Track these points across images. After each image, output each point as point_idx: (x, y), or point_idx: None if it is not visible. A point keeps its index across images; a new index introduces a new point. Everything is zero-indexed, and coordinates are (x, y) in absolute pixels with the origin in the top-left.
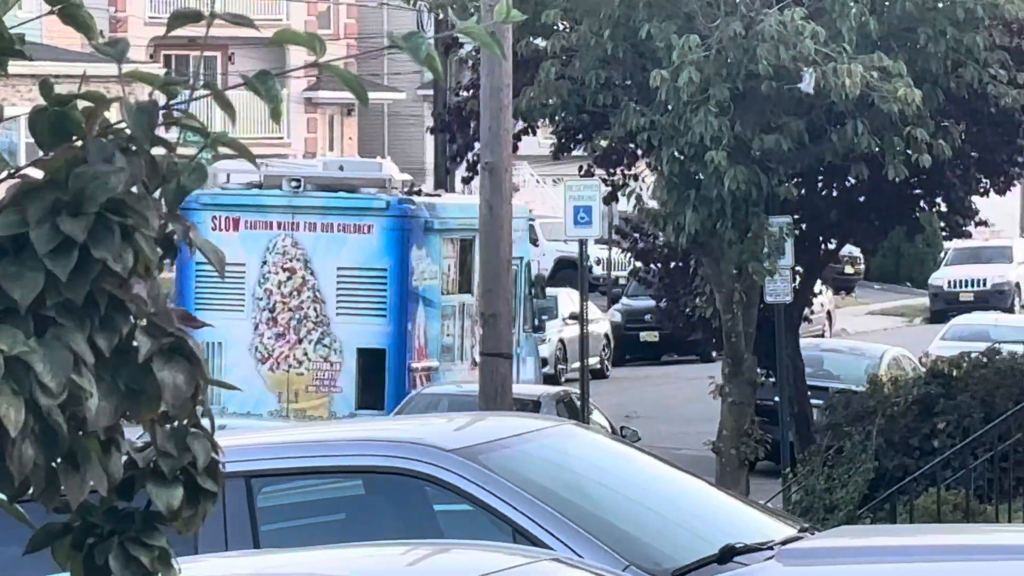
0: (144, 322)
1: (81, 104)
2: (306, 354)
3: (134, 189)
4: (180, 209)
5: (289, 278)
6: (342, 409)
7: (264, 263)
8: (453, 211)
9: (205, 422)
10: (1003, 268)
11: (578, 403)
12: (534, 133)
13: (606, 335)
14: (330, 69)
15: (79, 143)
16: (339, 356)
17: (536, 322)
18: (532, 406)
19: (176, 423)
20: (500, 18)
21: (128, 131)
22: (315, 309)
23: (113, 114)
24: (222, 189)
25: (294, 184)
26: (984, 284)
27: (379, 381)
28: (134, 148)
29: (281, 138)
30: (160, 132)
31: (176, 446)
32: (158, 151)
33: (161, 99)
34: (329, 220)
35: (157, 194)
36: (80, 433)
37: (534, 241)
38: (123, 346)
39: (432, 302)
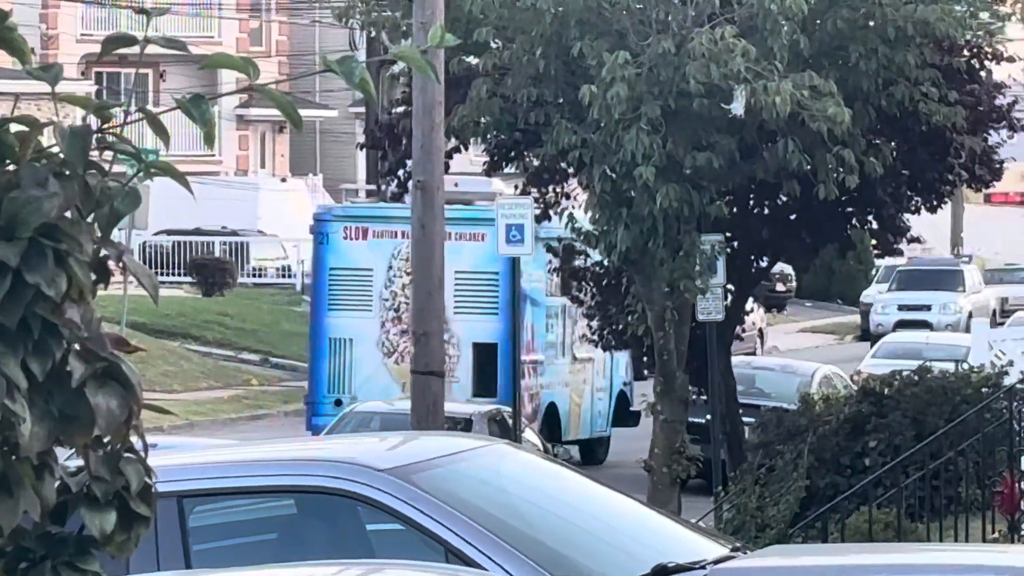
0: (78, 347)
1: (14, 128)
2: None
3: (68, 214)
4: (316, 220)
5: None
6: (459, 397)
7: (390, 268)
8: (555, 222)
9: (138, 445)
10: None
11: (510, 421)
12: (466, 150)
13: None
14: (265, 93)
15: (12, 167)
16: (457, 350)
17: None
18: (464, 424)
19: (109, 448)
20: (434, 43)
21: (62, 155)
22: None
23: (47, 138)
24: (351, 203)
25: None
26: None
27: (492, 372)
28: (68, 173)
29: (213, 155)
30: (94, 156)
31: (109, 471)
32: (92, 175)
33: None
34: (447, 229)
35: (91, 218)
36: (13, 458)
37: None
38: (56, 371)
39: (538, 302)
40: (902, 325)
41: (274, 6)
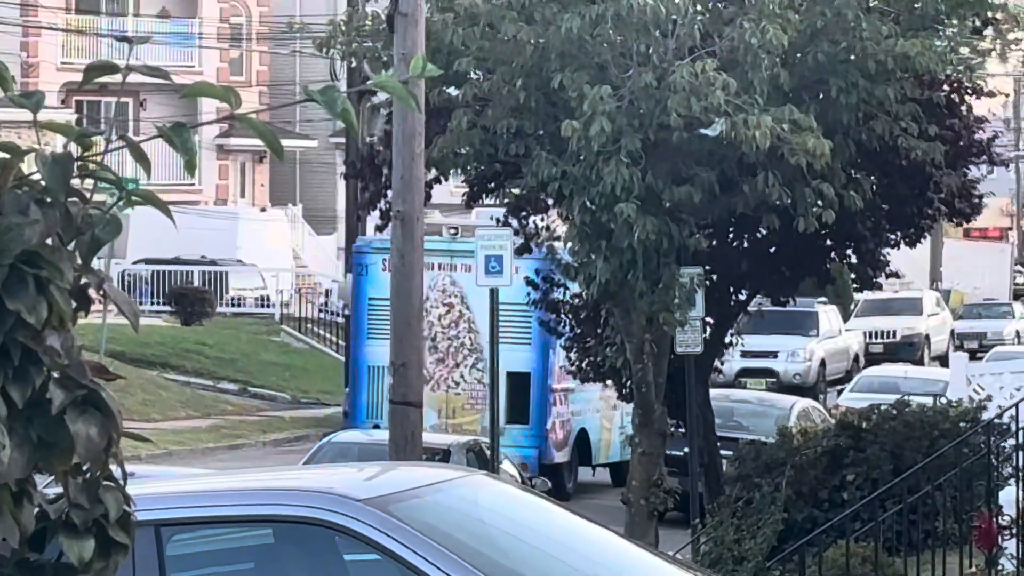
0: (58, 374)
1: None
2: (462, 376)
3: (49, 241)
4: (356, 252)
5: (448, 311)
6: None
7: (427, 299)
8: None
9: (117, 473)
10: (913, 320)
11: (488, 452)
12: (446, 180)
13: None
14: (246, 122)
15: None
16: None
17: None
18: (442, 455)
19: (88, 475)
20: (416, 73)
21: (43, 183)
22: (470, 338)
23: (28, 165)
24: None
25: (452, 231)
26: (894, 336)
27: (525, 400)
28: (49, 200)
29: (193, 184)
30: (75, 184)
31: (88, 498)
32: (73, 203)
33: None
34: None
35: (72, 246)
36: None
37: None
38: (36, 398)
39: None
40: (745, 374)
41: (255, 36)
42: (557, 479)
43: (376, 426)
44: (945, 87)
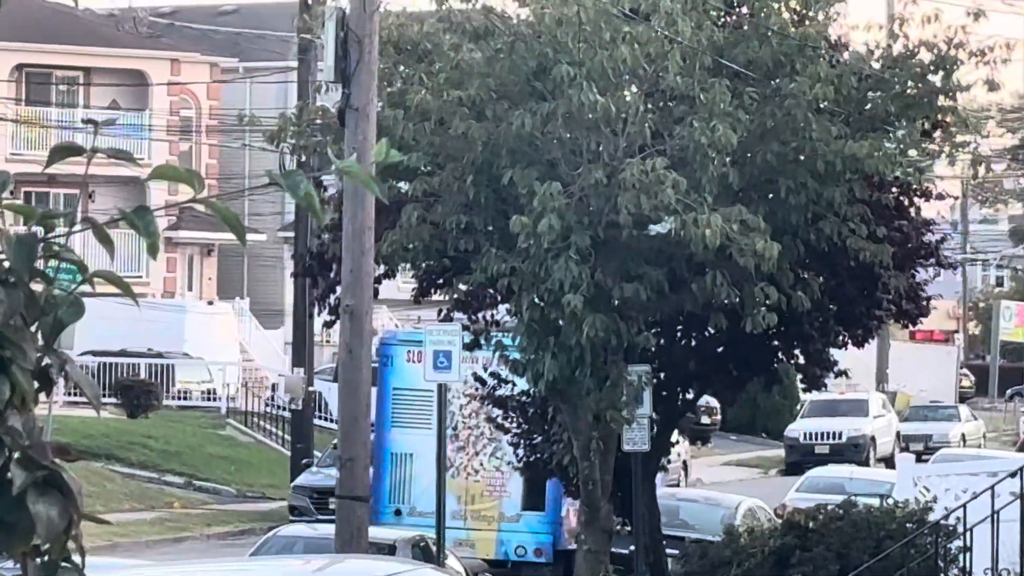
0: (19, 454)
1: None
2: (481, 464)
3: (12, 321)
4: (382, 343)
5: (469, 402)
6: (509, 510)
7: (448, 389)
8: None
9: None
10: (859, 421)
11: (434, 548)
12: (393, 276)
13: None
14: (211, 206)
15: None
16: (508, 467)
17: None
18: (387, 550)
19: (48, 557)
20: (379, 159)
21: (7, 263)
22: (489, 428)
23: None
24: (415, 329)
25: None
26: (840, 437)
27: (540, 488)
28: (13, 280)
29: (141, 276)
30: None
31: None
32: (36, 284)
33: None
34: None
35: (35, 327)
36: None
37: None
38: None
39: None
40: None
41: (204, 128)
42: (571, 565)
43: (398, 511)
44: (894, 189)
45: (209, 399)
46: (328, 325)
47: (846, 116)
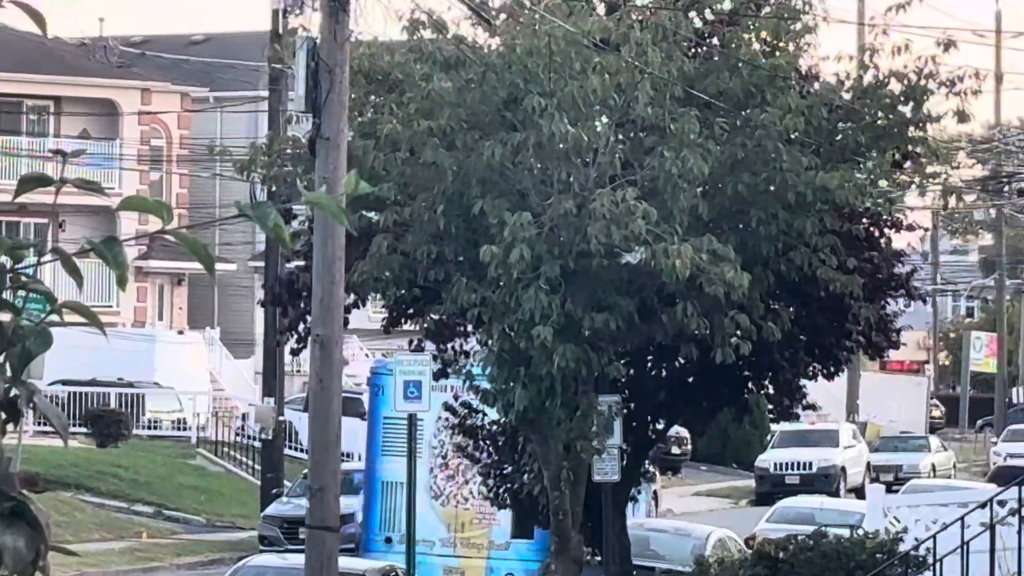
0: None
1: None
2: (471, 492)
3: None
4: (373, 373)
5: (458, 432)
6: (499, 538)
7: (438, 419)
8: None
9: None
10: (829, 452)
11: None
12: (363, 306)
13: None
14: (179, 237)
15: None
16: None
17: None
18: None
19: None
20: (349, 190)
21: None
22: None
23: None
24: (385, 358)
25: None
26: (810, 467)
27: (534, 515)
28: None
29: (111, 306)
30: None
31: None
32: (4, 315)
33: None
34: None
35: (2, 358)
36: None
37: (362, 415)
38: None
39: None
40: None
41: (175, 158)
42: None
43: (388, 539)
44: (864, 220)
45: (179, 429)
46: (295, 353)
47: (817, 147)
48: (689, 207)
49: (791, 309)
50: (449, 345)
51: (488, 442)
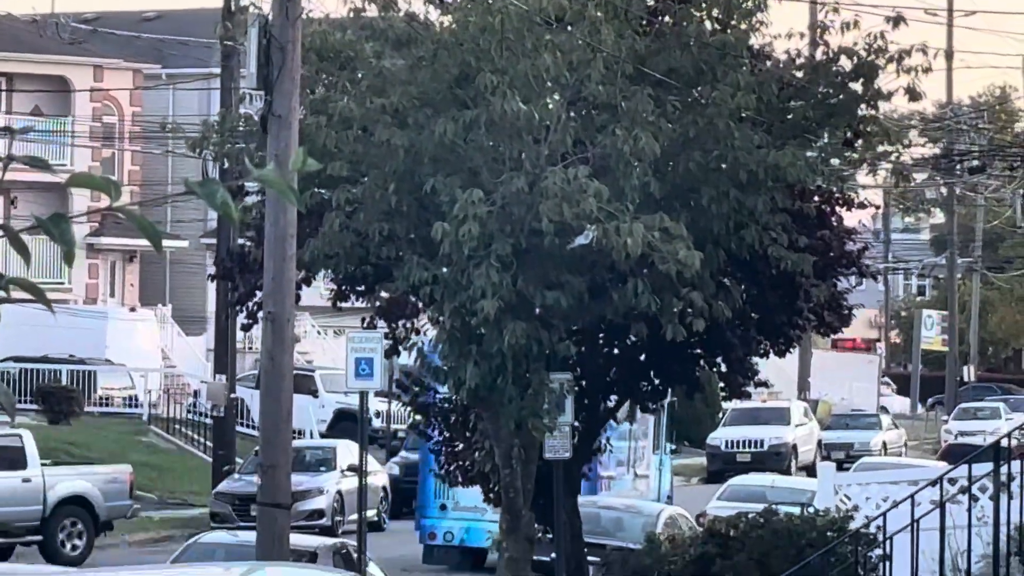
0: None
1: None
2: None
3: None
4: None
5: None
6: None
7: None
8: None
9: None
10: (780, 429)
11: (355, 555)
12: (309, 284)
13: (384, 488)
14: (126, 213)
15: None
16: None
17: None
18: (309, 557)
19: None
20: (296, 167)
21: None
22: None
23: None
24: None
25: None
26: (761, 445)
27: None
28: None
29: (62, 283)
30: None
31: None
32: None
33: None
34: None
35: None
36: None
37: (314, 392)
38: None
39: (612, 425)
40: None
41: (127, 135)
42: None
43: (443, 506)
44: (816, 198)
45: (131, 406)
46: (246, 329)
47: (768, 125)
48: (641, 185)
49: (742, 287)
50: (401, 323)
51: (440, 419)
